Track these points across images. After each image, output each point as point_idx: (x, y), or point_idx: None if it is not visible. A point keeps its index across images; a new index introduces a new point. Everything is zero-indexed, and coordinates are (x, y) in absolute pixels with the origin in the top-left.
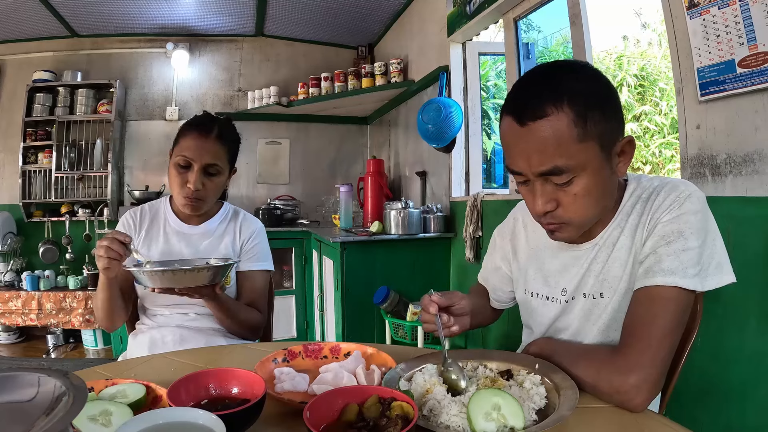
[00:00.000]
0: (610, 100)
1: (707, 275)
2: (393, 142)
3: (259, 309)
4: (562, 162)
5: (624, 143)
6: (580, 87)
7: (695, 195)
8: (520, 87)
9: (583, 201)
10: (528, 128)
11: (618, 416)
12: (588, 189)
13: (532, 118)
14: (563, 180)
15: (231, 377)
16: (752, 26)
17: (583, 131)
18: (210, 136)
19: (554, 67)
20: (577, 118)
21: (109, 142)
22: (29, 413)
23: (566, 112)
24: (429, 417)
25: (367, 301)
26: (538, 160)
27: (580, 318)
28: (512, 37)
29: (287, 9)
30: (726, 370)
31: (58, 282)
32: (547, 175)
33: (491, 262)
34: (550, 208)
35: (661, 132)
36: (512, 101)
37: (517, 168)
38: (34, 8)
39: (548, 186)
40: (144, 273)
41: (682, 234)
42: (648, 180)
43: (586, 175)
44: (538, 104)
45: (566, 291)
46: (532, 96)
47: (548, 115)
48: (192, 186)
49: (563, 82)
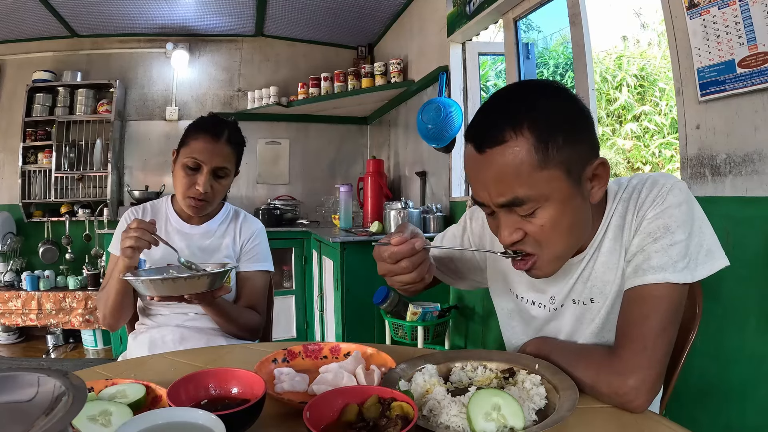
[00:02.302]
0: (578, 122)
1: (697, 264)
2: (393, 142)
3: (258, 310)
4: (523, 192)
5: (595, 167)
6: (542, 110)
7: (677, 186)
8: (480, 112)
9: (550, 233)
10: (486, 156)
11: (618, 416)
12: (555, 220)
13: (490, 145)
14: (526, 211)
15: (231, 377)
16: (752, 26)
17: (545, 157)
18: (221, 139)
19: (517, 90)
20: (538, 144)
21: (109, 142)
22: (29, 413)
23: (526, 137)
24: (429, 417)
25: (366, 301)
26: (497, 190)
27: (572, 323)
28: (512, 37)
29: (287, 9)
30: (726, 370)
31: (57, 282)
32: (508, 206)
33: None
34: (516, 238)
35: (660, 132)
36: (472, 127)
37: (479, 198)
38: (34, 8)
39: (513, 216)
40: (142, 282)
41: (668, 229)
42: (627, 180)
43: (551, 206)
44: (497, 130)
45: (555, 299)
46: (491, 121)
47: (506, 141)
48: (201, 188)
49: (524, 105)
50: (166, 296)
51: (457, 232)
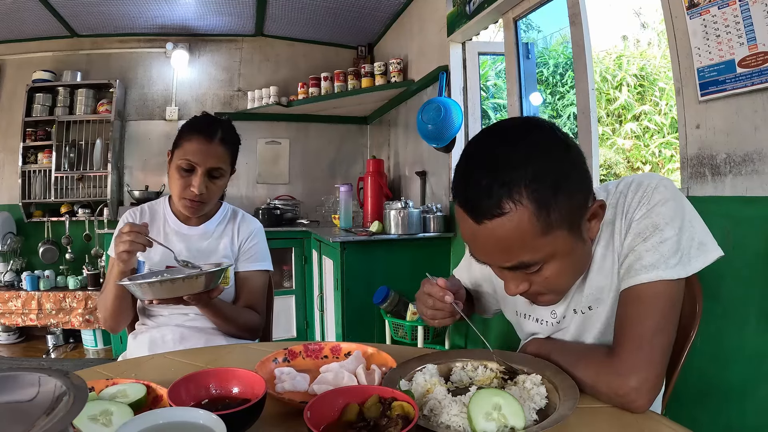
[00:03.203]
0: (574, 171)
1: (690, 258)
2: (393, 142)
3: (257, 310)
4: (528, 257)
5: (594, 209)
6: (535, 170)
7: (662, 184)
8: (467, 174)
9: (556, 281)
10: (485, 226)
11: (618, 416)
12: (560, 271)
13: (489, 217)
14: (532, 270)
15: (231, 377)
16: (752, 26)
17: (547, 223)
18: (214, 139)
19: (502, 143)
20: (539, 210)
21: (109, 142)
22: (30, 413)
23: (525, 205)
24: (429, 417)
25: (367, 301)
26: (502, 258)
27: (574, 332)
28: (512, 36)
29: (287, 9)
30: (726, 370)
31: (57, 282)
32: (514, 269)
33: (469, 274)
34: (522, 290)
35: (660, 131)
36: (463, 196)
37: (480, 259)
38: (34, 8)
39: (518, 273)
40: (138, 286)
41: (656, 227)
42: (613, 185)
43: (556, 261)
44: (492, 200)
45: (556, 314)
46: (484, 191)
47: (506, 212)
48: (196, 190)
49: (514, 167)
50: (163, 298)
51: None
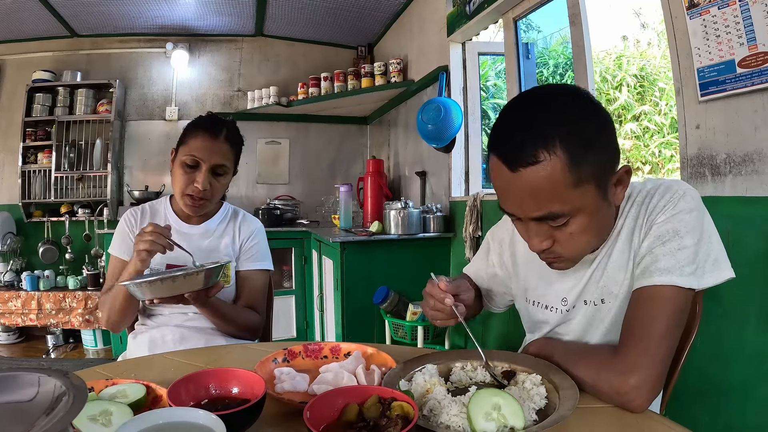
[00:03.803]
0: (604, 134)
1: (704, 273)
2: (393, 142)
3: (257, 309)
4: (558, 207)
5: (621, 174)
6: (572, 126)
7: (689, 194)
8: (506, 127)
9: (579, 238)
10: (519, 174)
11: (618, 416)
12: (585, 227)
13: (524, 165)
14: (559, 223)
15: (231, 377)
16: (752, 26)
17: (578, 175)
18: (219, 137)
19: (542, 102)
20: (571, 162)
21: (109, 142)
22: (29, 413)
23: (559, 156)
24: (429, 417)
25: (366, 301)
26: (532, 206)
27: (583, 324)
28: (512, 37)
29: (287, 9)
30: (726, 370)
31: (57, 282)
32: (542, 220)
33: (486, 266)
34: (546, 246)
35: (660, 132)
36: (500, 144)
37: (510, 210)
38: (34, 8)
39: (543, 226)
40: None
41: (677, 233)
42: (641, 184)
43: (582, 216)
44: (529, 150)
45: (567, 301)
46: (522, 140)
47: (540, 161)
48: (200, 186)
49: (553, 121)
50: (164, 297)
51: (491, 266)
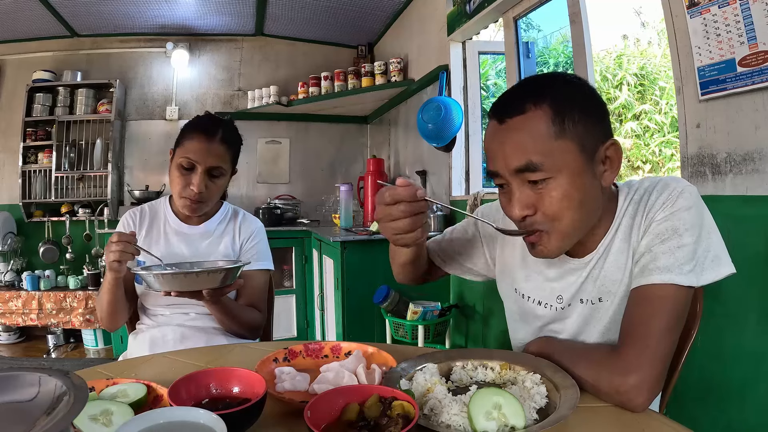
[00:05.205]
0: (593, 105)
1: (703, 269)
2: (393, 142)
3: (258, 309)
4: (537, 158)
5: (607, 147)
6: (564, 89)
7: (687, 191)
8: (507, 91)
9: (561, 204)
10: (506, 125)
11: (618, 416)
12: (566, 192)
13: (511, 115)
14: (538, 177)
15: (232, 377)
16: (752, 25)
17: (561, 129)
18: (215, 138)
19: (543, 75)
20: (555, 116)
21: (109, 141)
22: (30, 413)
23: (545, 109)
24: (430, 416)
25: (367, 300)
26: (513, 155)
27: (579, 323)
28: (512, 36)
29: (287, 8)
30: (726, 370)
31: (58, 282)
32: (523, 171)
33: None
34: (528, 212)
35: (661, 131)
36: (496, 103)
37: (495, 167)
38: (34, 8)
39: (525, 189)
40: (157, 276)
41: (676, 231)
42: (639, 182)
43: (563, 177)
44: (519, 102)
45: (562, 299)
46: (515, 96)
47: (526, 111)
48: (196, 188)
49: (548, 84)
50: (182, 291)
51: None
